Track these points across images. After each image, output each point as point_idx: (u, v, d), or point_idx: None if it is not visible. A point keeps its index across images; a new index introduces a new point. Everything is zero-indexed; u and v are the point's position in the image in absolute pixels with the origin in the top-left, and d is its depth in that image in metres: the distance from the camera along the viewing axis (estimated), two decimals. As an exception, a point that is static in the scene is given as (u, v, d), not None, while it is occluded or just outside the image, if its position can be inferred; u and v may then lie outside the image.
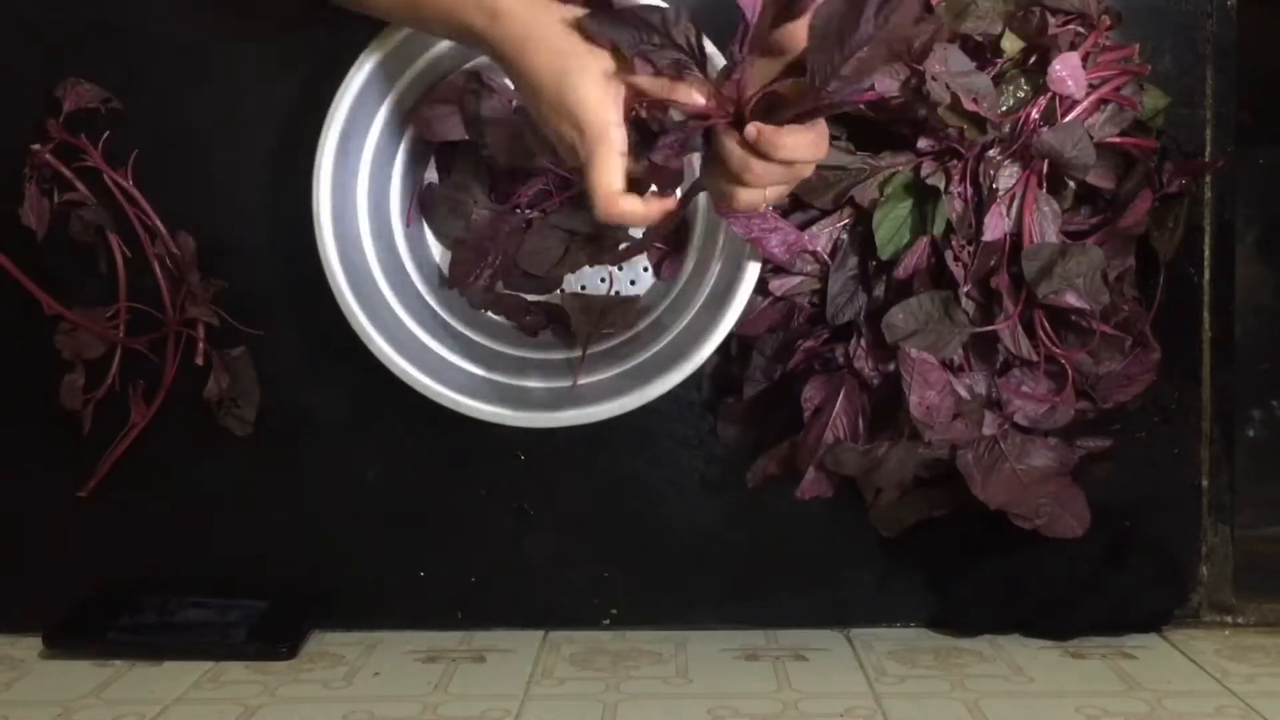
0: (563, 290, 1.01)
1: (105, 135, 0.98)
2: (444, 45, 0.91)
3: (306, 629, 0.98)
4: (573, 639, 1.00)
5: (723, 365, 0.99)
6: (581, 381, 0.94)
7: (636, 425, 1.00)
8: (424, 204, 1.00)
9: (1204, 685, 0.88)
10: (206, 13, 0.99)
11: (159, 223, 0.99)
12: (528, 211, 0.99)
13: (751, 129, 0.71)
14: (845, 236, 0.94)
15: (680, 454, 1.02)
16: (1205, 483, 1.01)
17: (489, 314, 1.00)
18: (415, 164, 0.99)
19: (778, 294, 0.95)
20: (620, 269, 1.01)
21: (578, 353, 0.96)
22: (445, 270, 1.00)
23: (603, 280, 1.01)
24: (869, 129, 0.93)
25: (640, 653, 0.96)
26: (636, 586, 1.02)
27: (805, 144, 0.71)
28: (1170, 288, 0.97)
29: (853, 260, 0.94)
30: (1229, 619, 1.01)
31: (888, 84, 0.88)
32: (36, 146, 0.97)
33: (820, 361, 0.94)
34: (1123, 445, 0.97)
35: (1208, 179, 1.00)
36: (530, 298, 1.00)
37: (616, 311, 0.98)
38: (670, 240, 0.99)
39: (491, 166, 0.98)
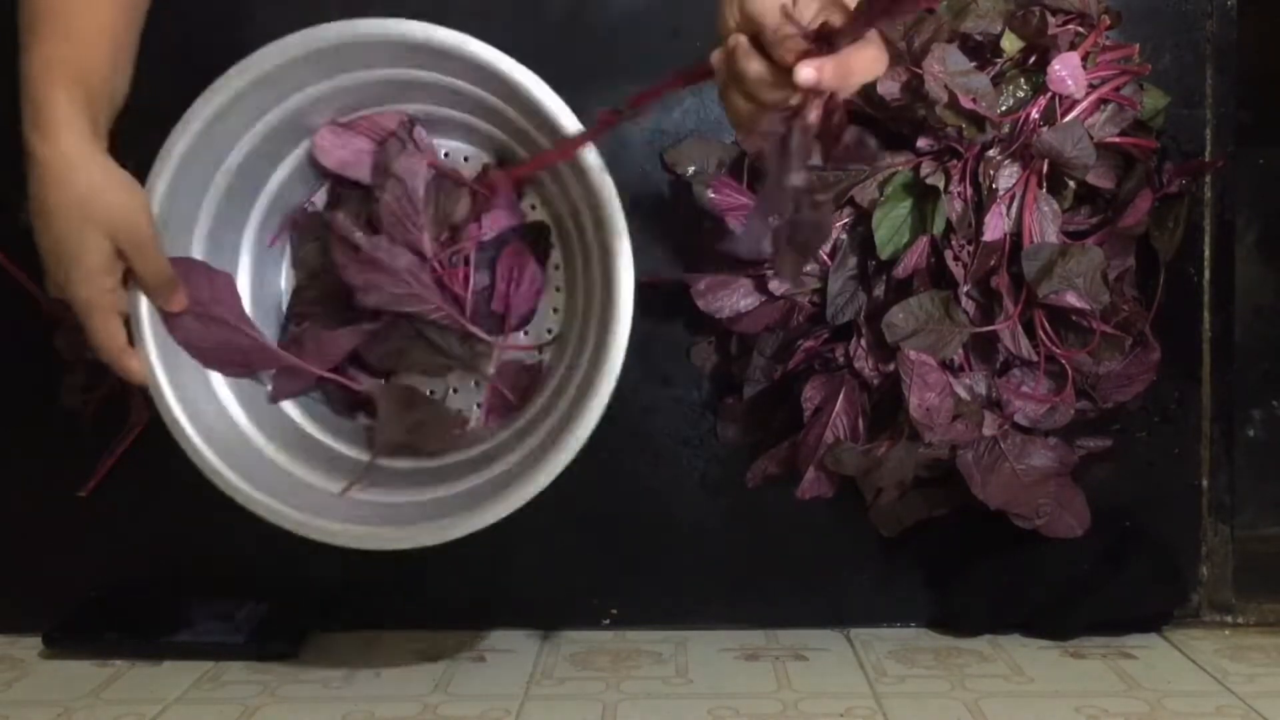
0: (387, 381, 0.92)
1: (105, 135, 0.98)
2: (380, 71, 0.85)
3: (306, 629, 0.98)
4: (573, 639, 1.00)
5: (723, 365, 0.99)
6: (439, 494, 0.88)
7: (636, 425, 1.00)
8: (297, 227, 0.94)
9: (1204, 685, 0.88)
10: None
11: (159, 223, 0.99)
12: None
13: (811, 73, 0.63)
14: (845, 236, 0.94)
15: (680, 454, 1.02)
16: (1205, 483, 1.01)
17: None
18: (299, 183, 0.93)
19: (777, 294, 0.95)
20: (455, 391, 0.93)
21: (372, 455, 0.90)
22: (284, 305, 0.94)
23: (432, 393, 0.93)
24: (869, 129, 0.93)
25: (640, 653, 0.96)
26: (636, 586, 1.02)
27: (871, 60, 0.64)
28: (1170, 288, 0.97)
29: (853, 260, 0.94)
30: (1229, 619, 1.01)
31: (888, 85, 0.88)
32: (36, 146, 0.97)
33: (820, 361, 0.94)
34: (1123, 445, 0.97)
35: (1208, 179, 1.00)
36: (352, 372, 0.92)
37: (434, 424, 0.90)
38: (516, 391, 0.93)
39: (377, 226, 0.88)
